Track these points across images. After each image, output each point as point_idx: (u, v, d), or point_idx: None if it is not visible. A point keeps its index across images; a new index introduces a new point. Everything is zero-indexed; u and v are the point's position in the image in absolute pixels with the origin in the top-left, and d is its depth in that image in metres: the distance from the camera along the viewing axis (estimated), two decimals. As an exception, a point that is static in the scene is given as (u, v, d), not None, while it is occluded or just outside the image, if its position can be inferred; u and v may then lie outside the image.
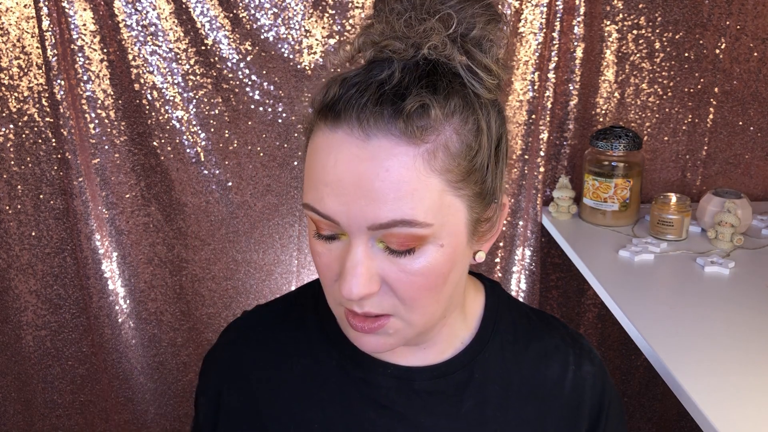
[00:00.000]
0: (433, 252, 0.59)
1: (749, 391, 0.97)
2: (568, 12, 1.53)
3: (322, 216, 0.58)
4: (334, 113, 0.58)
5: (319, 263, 0.62)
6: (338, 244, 0.60)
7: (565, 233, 1.54)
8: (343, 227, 0.58)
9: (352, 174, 0.56)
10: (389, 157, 0.56)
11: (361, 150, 0.56)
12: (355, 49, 0.61)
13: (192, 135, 1.56)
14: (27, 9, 1.46)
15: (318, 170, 0.58)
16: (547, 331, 0.76)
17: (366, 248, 0.58)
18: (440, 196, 0.58)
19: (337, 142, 0.57)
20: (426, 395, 0.70)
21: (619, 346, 1.81)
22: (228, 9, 1.48)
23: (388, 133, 0.56)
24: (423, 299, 0.61)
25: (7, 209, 1.59)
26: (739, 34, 1.59)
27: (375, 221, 0.56)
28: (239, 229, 1.64)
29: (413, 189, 0.56)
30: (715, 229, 1.44)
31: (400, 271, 0.59)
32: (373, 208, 0.56)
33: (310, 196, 0.59)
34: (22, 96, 1.52)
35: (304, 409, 0.71)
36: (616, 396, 0.78)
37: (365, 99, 0.56)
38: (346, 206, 0.57)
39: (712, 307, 1.20)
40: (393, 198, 0.56)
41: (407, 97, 0.56)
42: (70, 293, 1.68)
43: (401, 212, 0.56)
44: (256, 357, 0.74)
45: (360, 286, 0.58)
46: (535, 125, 1.60)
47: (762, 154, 1.70)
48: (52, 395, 1.75)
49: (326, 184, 0.57)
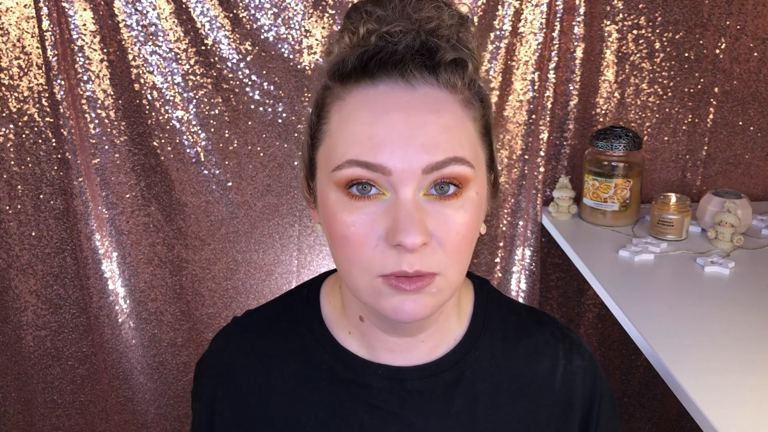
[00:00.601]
0: (471, 200, 0.62)
1: (749, 391, 0.97)
2: (568, 12, 1.53)
3: (371, 168, 0.59)
4: (369, 74, 0.61)
5: (351, 235, 0.60)
6: (377, 206, 0.60)
7: (565, 233, 1.54)
8: (395, 176, 0.58)
9: (404, 120, 0.59)
10: (437, 102, 0.60)
11: (411, 97, 0.60)
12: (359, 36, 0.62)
13: (192, 135, 1.56)
14: (27, 9, 1.46)
15: (362, 125, 0.60)
16: (537, 326, 0.76)
17: (415, 198, 0.59)
18: (475, 143, 0.63)
19: (381, 95, 0.60)
20: (417, 395, 0.70)
21: (619, 346, 1.81)
22: (228, 9, 1.48)
23: (431, 82, 0.61)
24: (463, 252, 0.62)
25: (7, 209, 1.59)
26: (739, 34, 1.60)
27: (431, 161, 0.58)
28: (239, 229, 1.64)
29: (459, 130, 0.61)
30: (715, 229, 1.44)
31: (444, 223, 0.60)
32: (428, 149, 0.58)
33: (354, 152, 0.59)
34: (22, 96, 1.52)
35: (296, 413, 0.71)
36: (608, 389, 0.78)
37: (400, 56, 0.60)
38: (402, 150, 0.58)
39: (712, 307, 1.20)
40: (446, 138, 0.59)
41: (438, 53, 0.60)
42: (70, 293, 1.68)
43: (453, 151, 0.60)
44: (247, 363, 0.75)
45: (420, 232, 0.58)
46: (535, 125, 1.60)
47: (762, 154, 1.70)
48: (52, 395, 1.75)
49: (375, 134, 0.59)
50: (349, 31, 0.63)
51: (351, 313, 0.71)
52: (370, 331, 0.70)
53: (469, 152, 0.61)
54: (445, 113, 0.60)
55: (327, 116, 0.63)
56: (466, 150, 0.61)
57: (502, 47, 1.55)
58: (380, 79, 0.60)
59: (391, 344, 0.70)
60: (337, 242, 0.61)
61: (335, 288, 0.76)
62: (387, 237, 0.59)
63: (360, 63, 0.61)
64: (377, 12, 0.62)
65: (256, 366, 0.74)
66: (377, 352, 0.71)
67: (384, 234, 0.59)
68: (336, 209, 0.61)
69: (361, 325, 0.71)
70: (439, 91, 0.61)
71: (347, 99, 0.61)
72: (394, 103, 0.59)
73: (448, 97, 0.61)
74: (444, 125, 0.60)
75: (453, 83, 0.61)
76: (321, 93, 0.65)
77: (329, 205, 0.62)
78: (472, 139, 0.62)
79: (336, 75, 0.62)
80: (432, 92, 0.60)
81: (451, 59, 0.61)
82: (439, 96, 0.61)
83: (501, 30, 1.54)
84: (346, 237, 0.60)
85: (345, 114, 0.61)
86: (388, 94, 0.60)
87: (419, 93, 0.60)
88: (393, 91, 0.60)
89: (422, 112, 0.59)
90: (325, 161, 0.63)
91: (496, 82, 1.58)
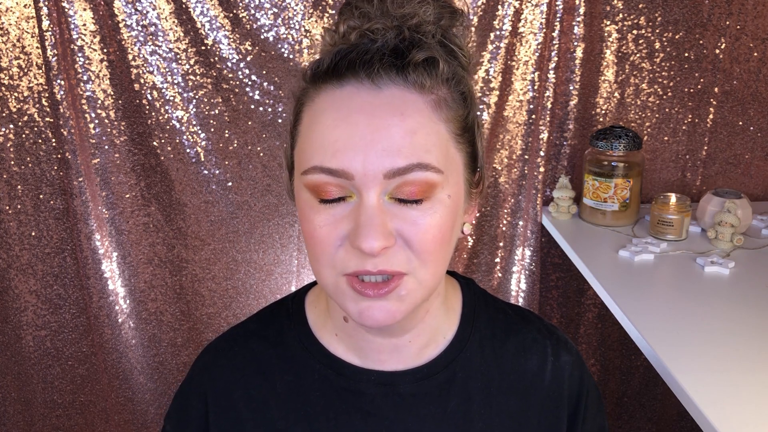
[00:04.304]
0: (442, 202, 0.60)
1: (749, 391, 0.97)
2: (568, 12, 1.53)
3: (334, 174, 0.58)
4: (337, 74, 0.59)
5: (318, 235, 0.60)
6: (343, 208, 0.59)
7: (565, 233, 1.54)
8: (358, 180, 0.57)
9: (367, 123, 0.57)
10: (403, 104, 0.58)
11: (375, 98, 0.58)
12: (340, 35, 0.62)
13: (192, 135, 1.56)
14: (27, 9, 1.46)
15: (327, 128, 0.58)
16: (524, 324, 0.77)
17: (379, 202, 0.58)
18: (447, 145, 0.61)
19: (347, 96, 0.59)
20: (411, 398, 0.70)
21: (619, 346, 1.81)
22: (228, 9, 1.48)
23: (399, 83, 0.59)
24: (435, 252, 0.61)
25: (7, 209, 1.59)
26: (739, 34, 1.60)
27: (393, 166, 0.57)
28: (239, 229, 1.64)
29: (426, 134, 0.58)
30: (715, 229, 1.44)
31: (412, 225, 0.59)
32: (390, 154, 0.57)
33: (318, 158, 0.59)
34: (22, 96, 1.52)
35: (291, 425, 0.71)
36: (594, 384, 0.79)
37: (370, 56, 0.58)
38: (362, 154, 0.57)
39: (712, 307, 1.20)
40: (409, 142, 0.57)
41: (411, 52, 0.59)
42: (70, 293, 1.68)
43: (417, 156, 0.58)
44: (237, 377, 0.73)
45: (379, 237, 0.57)
46: (535, 125, 1.60)
47: (762, 154, 1.70)
48: (52, 395, 1.75)
49: (338, 138, 0.58)
50: (330, 30, 0.63)
51: (335, 315, 0.71)
52: (355, 332, 0.70)
53: (437, 156, 0.59)
54: (410, 116, 0.58)
55: (300, 116, 0.63)
56: (432, 155, 0.59)
57: (502, 47, 1.55)
58: (347, 80, 0.59)
59: (377, 344, 0.70)
60: (307, 241, 0.62)
61: (320, 296, 0.75)
62: (349, 239, 0.59)
63: (331, 63, 0.60)
64: (362, 8, 0.61)
65: (247, 379, 0.73)
66: (367, 356, 0.71)
67: (347, 235, 0.59)
68: (305, 209, 0.61)
69: (345, 326, 0.70)
70: (406, 92, 0.59)
71: (316, 100, 0.61)
72: (358, 105, 0.58)
73: (416, 98, 0.59)
74: (408, 128, 0.58)
75: (421, 83, 0.59)
76: (299, 93, 0.64)
77: (301, 204, 0.62)
78: (442, 141, 0.60)
79: (309, 75, 0.62)
80: (398, 93, 0.59)
81: (424, 59, 0.59)
82: (406, 97, 0.59)
83: (501, 30, 1.54)
84: (314, 237, 0.61)
85: (312, 115, 0.61)
86: (354, 95, 0.58)
87: (384, 94, 0.58)
88: (358, 93, 0.58)
89: (385, 115, 0.57)
90: (298, 162, 0.63)
91: (496, 82, 1.58)
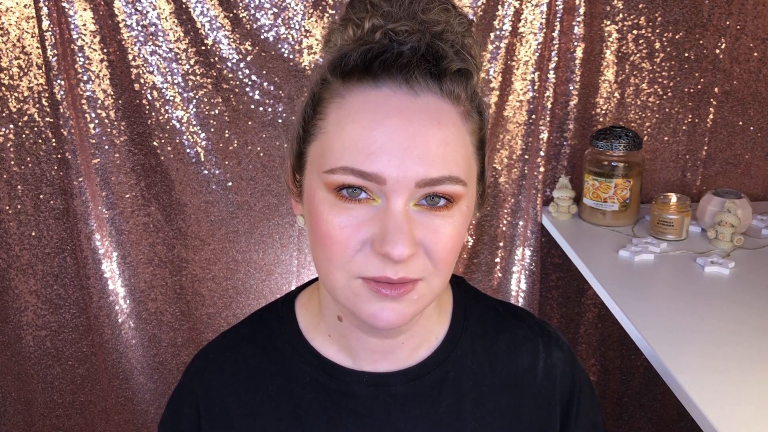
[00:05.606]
0: (462, 213, 0.60)
1: (749, 391, 0.97)
2: (568, 12, 1.53)
3: (365, 177, 0.57)
4: (371, 73, 0.58)
5: (336, 236, 0.58)
6: (367, 211, 0.58)
7: (565, 233, 1.54)
8: (389, 185, 0.56)
9: (403, 127, 0.56)
10: (439, 112, 0.58)
11: (412, 103, 0.57)
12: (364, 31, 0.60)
13: (192, 135, 1.56)
14: (27, 9, 1.46)
15: (362, 129, 0.57)
16: (515, 321, 0.77)
17: (406, 208, 0.58)
18: (470, 158, 0.61)
19: (384, 98, 0.57)
20: (403, 399, 0.70)
21: (619, 346, 1.81)
22: (228, 9, 1.48)
23: (435, 90, 0.58)
24: (450, 260, 0.61)
25: (7, 209, 1.59)
26: (739, 34, 1.59)
27: (426, 176, 0.57)
28: (239, 229, 1.64)
29: (457, 145, 0.59)
30: (715, 229, 1.44)
31: (433, 233, 0.59)
32: (425, 162, 0.56)
33: (349, 159, 0.57)
34: (22, 96, 1.52)
35: (283, 429, 0.71)
36: (587, 379, 0.78)
37: (406, 60, 0.57)
38: (398, 160, 0.56)
39: (712, 307, 1.20)
40: (443, 153, 0.57)
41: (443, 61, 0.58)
42: (70, 293, 1.68)
43: (449, 169, 0.58)
44: (229, 382, 0.73)
45: (408, 244, 0.56)
46: (535, 125, 1.60)
47: (762, 154, 1.70)
48: (52, 395, 1.75)
49: (373, 140, 0.56)
50: (353, 23, 0.60)
51: (329, 314, 0.70)
52: (349, 332, 0.69)
53: (464, 169, 0.59)
54: (445, 125, 0.58)
55: (324, 112, 0.61)
56: (461, 167, 0.59)
57: (502, 47, 1.55)
58: (383, 81, 0.58)
59: (371, 345, 0.69)
60: (320, 240, 0.60)
61: (313, 297, 0.74)
62: (374, 243, 0.58)
63: (363, 61, 0.58)
64: (384, 7, 0.59)
65: (238, 384, 0.73)
66: (359, 357, 0.70)
67: (370, 239, 0.58)
68: (323, 208, 0.59)
69: (339, 326, 0.70)
70: (442, 101, 0.58)
71: (347, 97, 0.59)
72: (395, 109, 0.57)
73: (450, 108, 0.59)
74: (443, 138, 0.57)
75: (456, 94, 0.59)
76: (319, 86, 0.62)
77: (316, 202, 0.60)
78: (468, 154, 0.60)
79: (337, 70, 0.60)
80: (434, 101, 0.58)
81: (457, 69, 0.59)
82: (441, 106, 0.58)
83: (501, 30, 1.54)
84: (331, 237, 0.59)
85: (344, 113, 0.59)
86: (390, 98, 0.57)
87: (422, 101, 0.58)
88: (395, 96, 0.57)
89: (423, 122, 0.57)
90: (318, 159, 0.60)
91: (496, 82, 1.58)
